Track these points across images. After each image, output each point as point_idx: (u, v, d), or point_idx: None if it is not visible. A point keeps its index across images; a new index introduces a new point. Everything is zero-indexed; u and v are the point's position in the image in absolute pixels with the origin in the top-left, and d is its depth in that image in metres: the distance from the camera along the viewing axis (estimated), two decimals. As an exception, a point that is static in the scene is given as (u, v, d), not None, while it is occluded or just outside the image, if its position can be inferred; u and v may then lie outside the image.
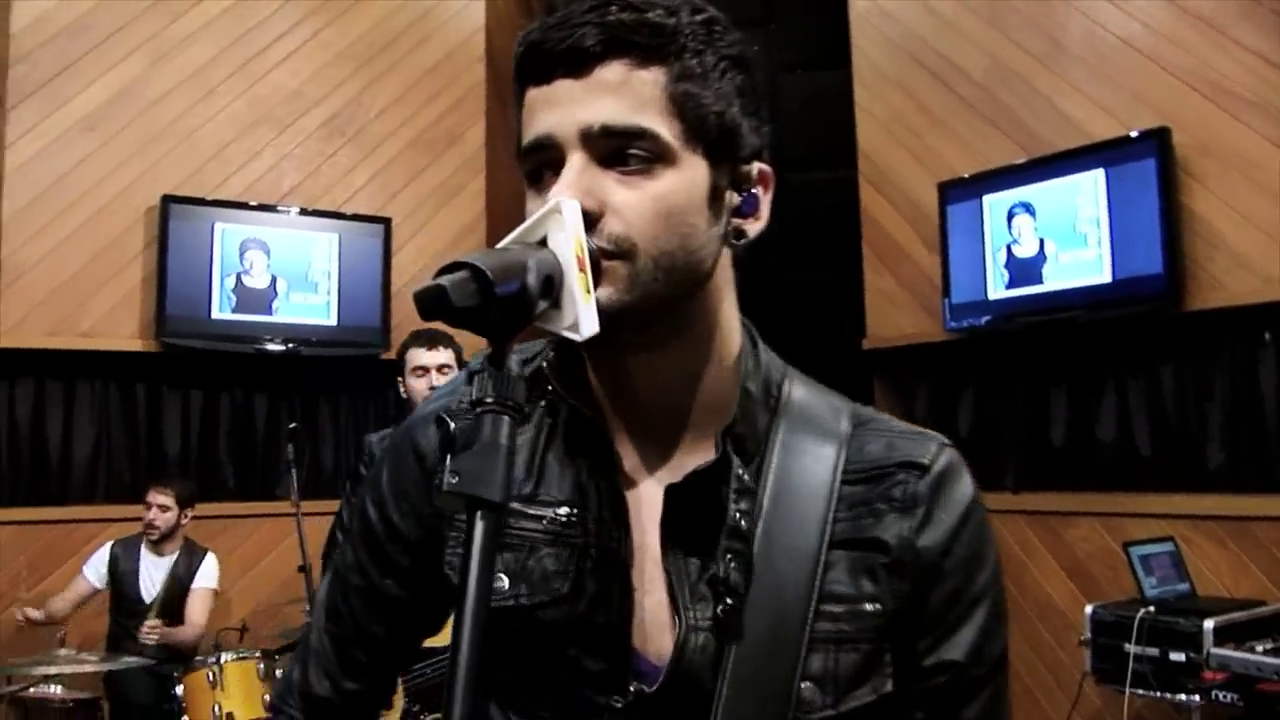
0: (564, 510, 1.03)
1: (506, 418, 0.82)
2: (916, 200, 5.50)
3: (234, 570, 5.27)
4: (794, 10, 6.41)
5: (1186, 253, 4.47)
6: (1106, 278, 4.64)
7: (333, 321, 5.84)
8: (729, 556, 0.99)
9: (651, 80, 0.95)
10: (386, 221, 6.04)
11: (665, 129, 0.95)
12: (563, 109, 0.95)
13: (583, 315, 0.88)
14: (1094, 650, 3.96)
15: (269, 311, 5.70)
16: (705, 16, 1.00)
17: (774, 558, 1.00)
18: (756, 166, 1.04)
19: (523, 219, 0.95)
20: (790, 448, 1.05)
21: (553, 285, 0.88)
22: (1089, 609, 4.02)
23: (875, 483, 1.04)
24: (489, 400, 0.82)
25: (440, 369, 3.99)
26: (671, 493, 1.01)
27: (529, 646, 1.03)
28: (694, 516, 1.01)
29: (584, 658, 1.01)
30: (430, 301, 0.81)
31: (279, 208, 5.82)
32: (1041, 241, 4.89)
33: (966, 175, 5.22)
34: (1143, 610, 3.78)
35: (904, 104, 5.59)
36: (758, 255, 1.08)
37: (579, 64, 0.95)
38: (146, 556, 5.02)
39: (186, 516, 5.09)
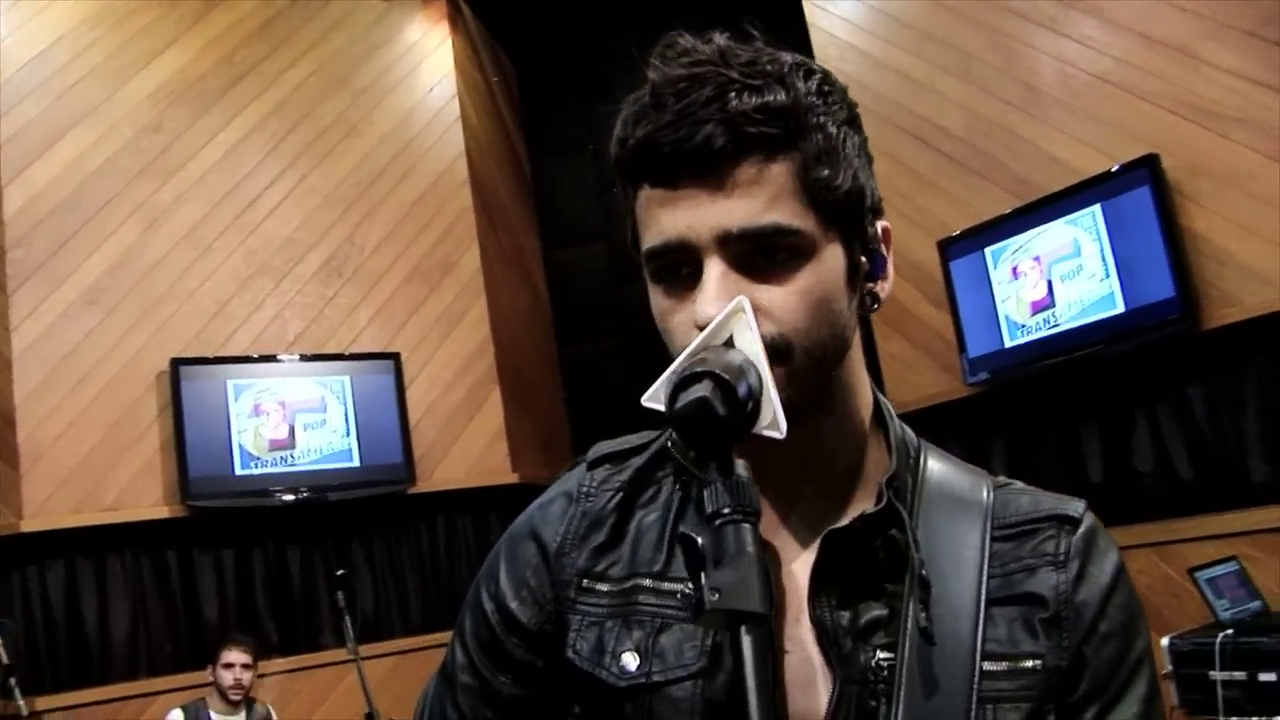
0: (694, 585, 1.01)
1: (748, 525, 0.79)
2: (916, 261, 5.53)
3: (287, 727, 5.17)
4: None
5: (1195, 273, 4.50)
6: (1120, 309, 4.66)
7: (355, 463, 5.82)
8: (921, 606, 0.96)
9: (783, 171, 0.91)
10: (395, 356, 6.06)
11: (802, 221, 0.92)
12: (694, 212, 0.91)
13: (779, 412, 0.86)
14: (1178, 682, 3.85)
15: (291, 462, 5.67)
16: (817, 79, 0.95)
17: (936, 614, 0.97)
18: (880, 225, 1.01)
19: (533, 338, 0.92)
20: (937, 506, 1.04)
21: (760, 385, 0.86)
22: (1165, 641, 3.93)
23: (1025, 538, 1.02)
24: (727, 510, 0.80)
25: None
26: (830, 539, 0.98)
27: None
28: (844, 568, 0.98)
29: None
30: (697, 416, 0.79)
31: (287, 357, 5.83)
32: (1049, 283, 4.92)
33: (964, 230, 5.26)
34: (1221, 635, 3.70)
35: (888, 168, 5.64)
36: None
37: (707, 165, 0.90)
38: (217, 719, 4.90)
39: (257, 672, 5.01)
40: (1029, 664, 0.97)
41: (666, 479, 1.09)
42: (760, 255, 0.92)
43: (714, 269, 0.91)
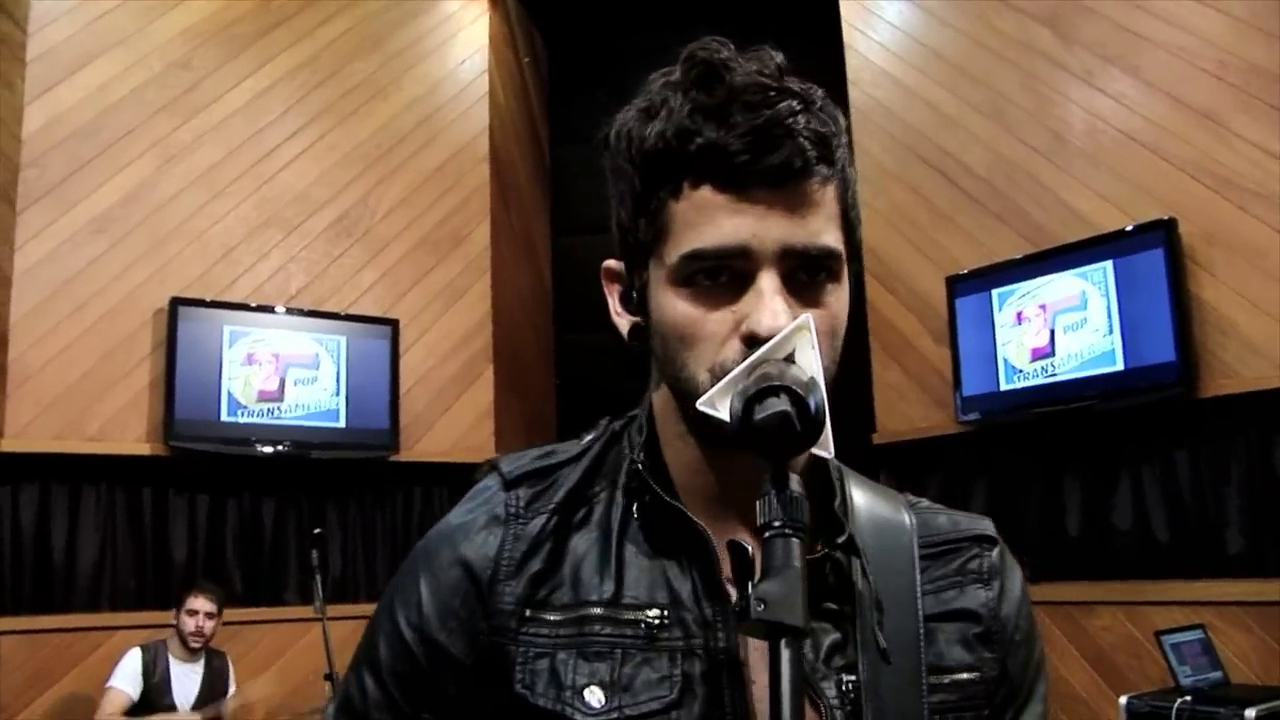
0: (654, 612, 0.98)
1: (796, 539, 0.78)
2: (923, 294, 5.54)
3: (241, 677, 5.15)
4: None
5: (1198, 340, 4.52)
6: (1119, 366, 4.67)
7: (341, 424, 5.82)
8: (878, 628, 0.98)
9: (833, 197, 0.95)
10: (394, 323, 6.06)
11: (842, 247, 0.95)
12: (763, 222, 0.91)
13: (829, 433, 0.85)
14: (1131, 743, 3.89)
15: (277, 415, 5.67)
16: (839, 111, 0.98)
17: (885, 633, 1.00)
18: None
19: (532, 322, 0.88)
20: (868, 528, 1.05)
21: (824, 404, 0.85)
22: (1124, 700, 3.94)
23: (950, 556, 1.07)
24: (778, 523, 0.79)
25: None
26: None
27: None
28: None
29: None
30: (778, 430, 0.80)
31: (287, 310, 5.83)
32: (1052, 333, 4.92)
33: (974, 269, 5.27)
34: (1179, 700, 3.71)
35: (908, 199, 5.66)
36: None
37: (781, 180, 0.91)
38: (175, 663, 4.88)
39: (220, 622, 5.00)
40: (966, 676, 1.02)
41: (599, 497, 1.05)
42: (804, 275, 0.93)
43: (770, 281, 0.91)
